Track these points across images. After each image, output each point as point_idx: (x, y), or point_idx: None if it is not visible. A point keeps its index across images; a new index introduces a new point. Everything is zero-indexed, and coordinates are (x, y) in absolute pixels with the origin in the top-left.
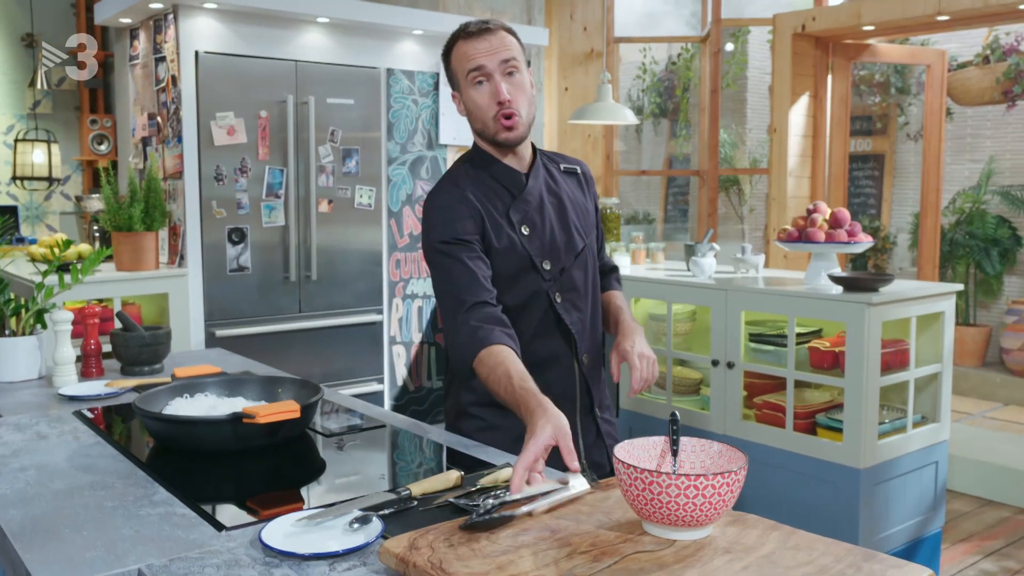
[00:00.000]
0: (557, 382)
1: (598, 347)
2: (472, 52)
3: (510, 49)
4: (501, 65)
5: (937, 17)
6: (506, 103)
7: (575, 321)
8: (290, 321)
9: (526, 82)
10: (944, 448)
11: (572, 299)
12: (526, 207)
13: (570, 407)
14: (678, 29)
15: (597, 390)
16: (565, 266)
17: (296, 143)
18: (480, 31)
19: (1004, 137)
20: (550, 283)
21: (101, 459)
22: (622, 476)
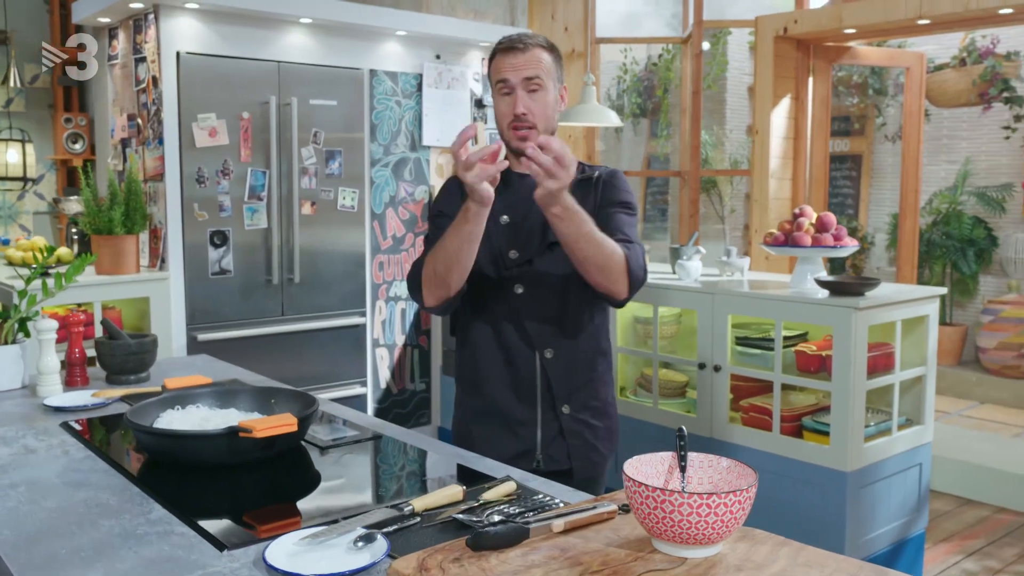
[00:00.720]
0: (517, 372)
1: (573, 344)
2: (502, 65)
3: (537, 67)
4: (524, 81)
5: (918, 21)
6: (520, 116)
7: (536, 314)
8: (273, 324)
9: (550, 98)
10: (928, 450)
11: (537, 292)
12: (513, 200)
13: (529, 399)
14: (659, 30)
15: (563, 386)
16: (533, 258)
17: (279, 145)
18: (513, 47)
19: (980, 139)
20: (513, 272)
21: (93, 474)
22: (632, 493)
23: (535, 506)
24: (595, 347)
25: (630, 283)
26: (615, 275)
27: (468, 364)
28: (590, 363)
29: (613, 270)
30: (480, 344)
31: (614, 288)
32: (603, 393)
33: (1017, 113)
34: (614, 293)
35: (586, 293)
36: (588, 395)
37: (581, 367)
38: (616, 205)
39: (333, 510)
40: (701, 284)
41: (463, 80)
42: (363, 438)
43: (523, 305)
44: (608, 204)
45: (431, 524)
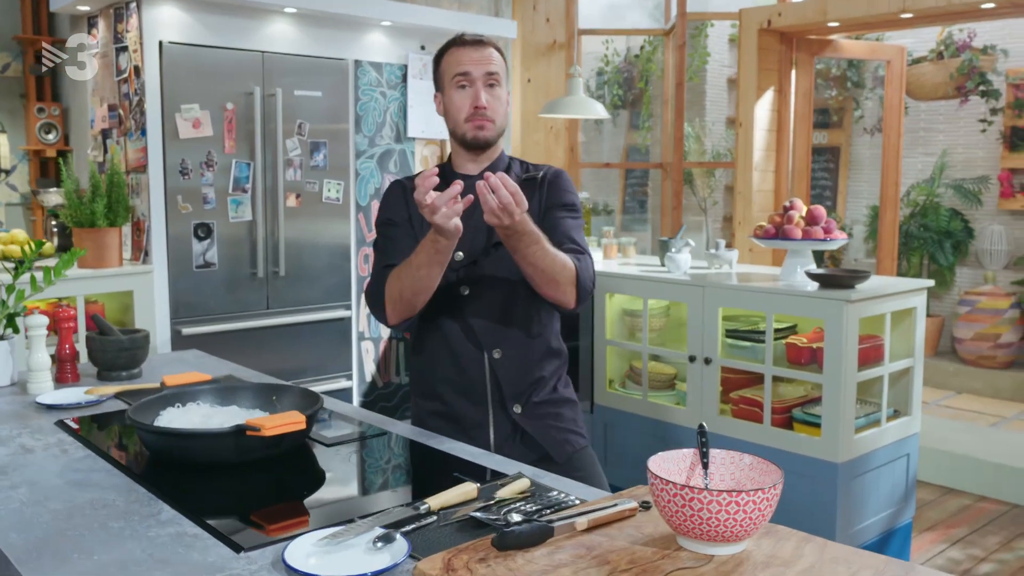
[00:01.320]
0: (466, 372)
1: (522, 344)
2: (463, 58)
3: (495, 64)
4: (485, 76)
5: (901, 15)
6: (482, 108)
7: (482, 314)
8: (258, 318)
9: (504, 96)
10: (915, 441)
11: (483, 293)
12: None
13: (480, 400)
14: (641, 21)
15: (513, 387)
16: (477, 256)
17: (263, 136)
18: (474, 42)
19: (956, 131)
20: (458, 273)
21: (95, 474)
22: (659, 492)
23: (551, 503)
24: (545, 347)
25: (579, 294)
26: (564, 287)
27: (420, 367)
28: (540, 363)
29: (562, 282)
30: (430, 347)
31: (562, 299)
32: (558, 387)
33: (993, 106)
34: (562, 303)
35: (533, 294)
36: (538, 393)
37: (531, 367)
38: (561, 208)
39: (343, 509)
40: (691, 277)
41: None
42: (369, 435)
43: (469, 306)
44: (553, 206)
45: (448, 523)
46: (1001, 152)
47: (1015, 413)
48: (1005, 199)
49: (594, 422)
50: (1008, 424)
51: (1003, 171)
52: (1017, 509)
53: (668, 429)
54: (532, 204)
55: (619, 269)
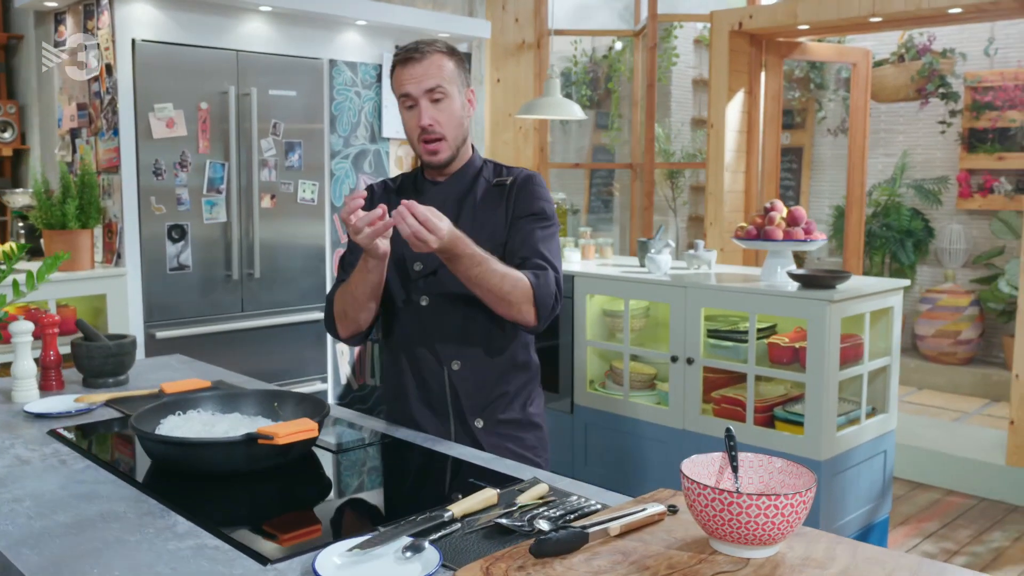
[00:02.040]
0: (427, 385)
1: (482, 356)
2: (403, 78)
3: (438, 75)
4: (427, 93)
5: (870, 18)
6: (427, 128)
7: (441, 326)
8: (232, 321)
9: (455, 106)
10: (892, 437)
11: (441, 304)
12: None
13: (442, 413)
14: (610, 22)
15: (473, 400)
16: (436, 266)
17: (238, 136)
18: (410, 58)
19: (916, 132)
20: (418, 284)
21: (99, 485)
22: (695, 496)
23: (574, 508)
24: (509, 360)
25: (538, 313)
26: (518, 306)
27: (386, 378)
28: (504, 377)
29: (515, 302)
30: (394, 358)
31: (520, 318)
32: (526, 406)
33: (952, 108)
34: (521, 323)
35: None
36: (504, 409)
37: (493, 381)
38: (530, 217)
39: (357, 517)
40: (671, 277)
41: None
42: (372, 441)
43: (429, 317)
44: (522, 216)
45: (474, 530)
46: (959, 153)
47: (976, 408)
48: (963, 199)
49: (574, 422)
50: (970, 419)
51: (961, 172)
52: (985, 502)
53: (649, 429)
54: (499, 211)
55: (599, 270)
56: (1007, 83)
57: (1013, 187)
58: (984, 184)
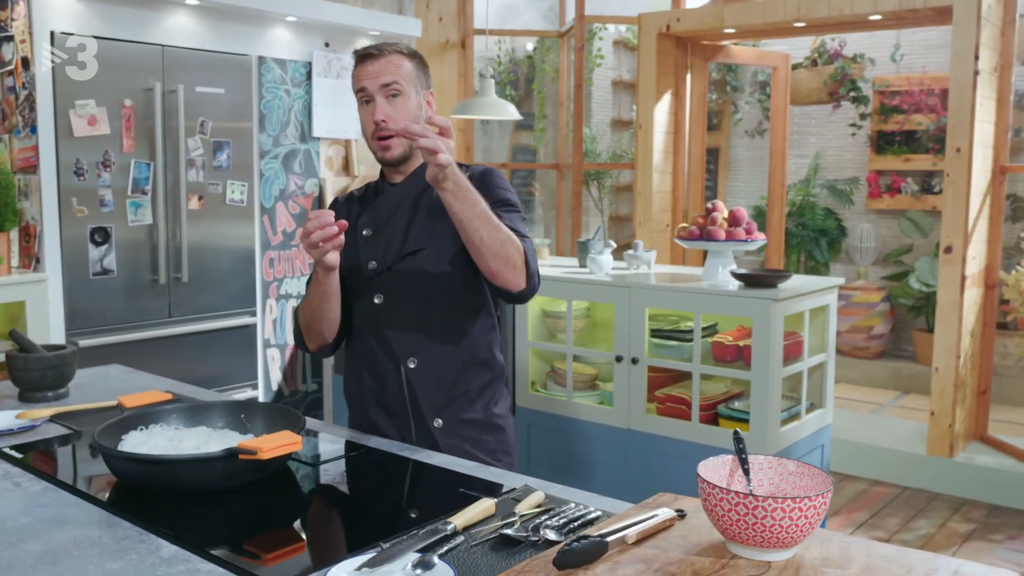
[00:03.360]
0: (385, 385)
1: (440, 353)
2: (360, 74)
3: (395, 73)
4: (382, 88)
5: (795, 23)
6: (380, 123)
7: (396, 322)
8: (159, 327)
9: (411, 105)
10: (828, 431)
11: (395, 300)
12: (375, 212)
13: (400, 413)
14: (535, 23)
15: (431, 398)
16: (391, 263)
17: (164, 134)
18: (369, 55)
19: (827, 135)
20: (372, 282)
21: (64, 508)
22: (718, 501)
23: (576, 516)
24: (470, 357)
25: (528, 276)
26: (512, 261)
27: (347, 382)
28: (464, 374)
29: (511, 256)
30: (352, 359)
31: (512, 277)
32: (489, 406)
33: (863, 111)
34: (512, 283)
35: (455, 303)
36: (466, 409)
37: (452, 378)
38: (496, 204)
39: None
40: (613, 278)
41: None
42: (351, 452)
43: (384, 315)
44: (489, 203)
45: (479, 542)
46: (869, 155)
47: (889, 400)
48: (873, 199)
49: (517, 424)
50: (885, 411)
51: (871, 172)
52: (909, 491)
53: (594, 429)
54: None
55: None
56: (913, 88)
57: (919, 187)
58: (892, 184)
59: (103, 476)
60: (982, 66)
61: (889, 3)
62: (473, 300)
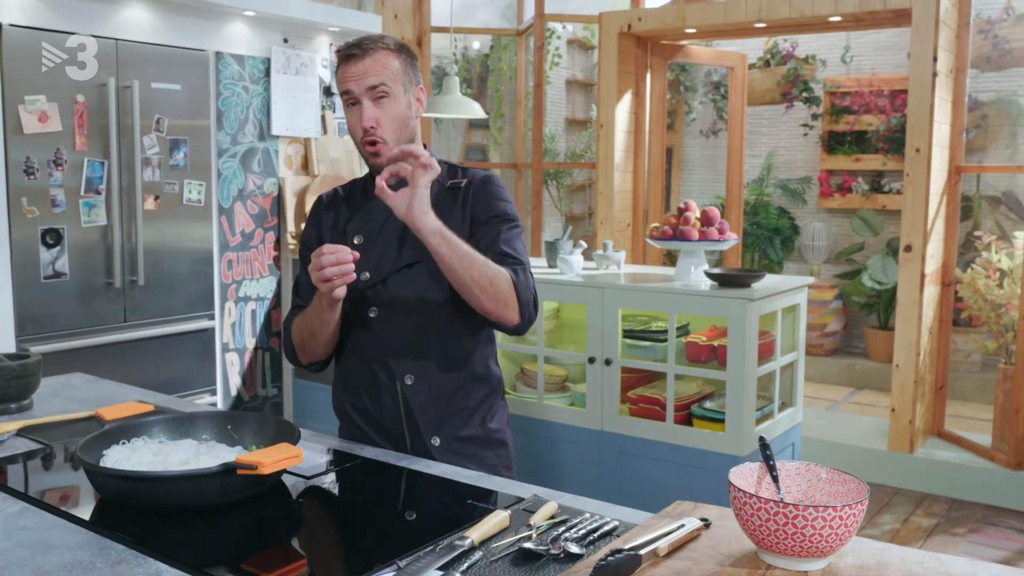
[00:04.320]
0: (380, 401)
1: (437, 370)
2: (344, 75)
3: (381, 73)
4: (369, 91)
5: (756, 24)
6: (369, 130)
7: (392, 338)
8: (115, 332)
9: (399, 106)
10: (799, 430)
11: (392, 315)
12: (367, 218)
13: (396, 430)
14: (493, 20)
15: (428, 415)
16: (386, 278)
17: (118, 132)
18: (353, 54)
19: (779, 135)
20: (366, 294)
21: (48, 531)
22: (755, 510)
23: (594, 528)
24: (467, 373)
25: (521, 309)
26: (502, 298)
27: (337, 395)
28: (461, 391)
29: (500, 294)
30: (344, 375)
31: (504, 314)
32: (487, 421)
33: (815, 112)
34: (505, 320)
35: (449, 315)
36: (463, 426)
37: (449, 395)
38: (492, 219)
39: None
40: (584, 278)
41: (312, 66)
42: (347, 463)
43: (379, 329)
44: (484, 218)
45: (498, 557)
46: (820, 154)
47: (843, 396)
48: (824, 198)
49: None
50: (840, 407)
51: (822, 172)
52: (872, 486)
53: (566, 431)
54: (454, 215)
55: None
56: (863, 89)
57: (869, 187)
58: (843, 184)
59: (83, 494)
60: (940, 68)
61: (849, 5)
62: (471, 313)
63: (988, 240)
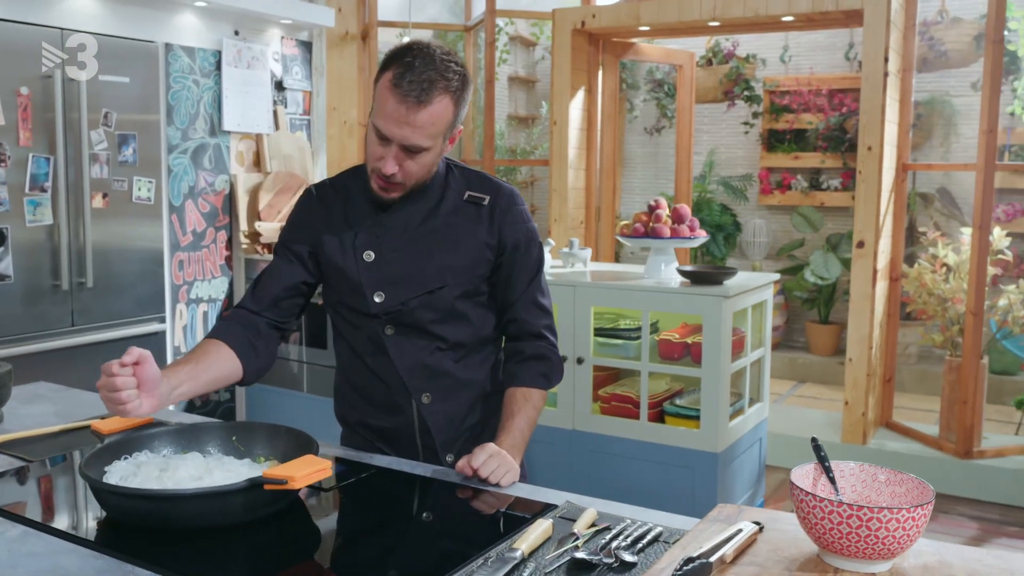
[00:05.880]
0: (393, 418)
1: (454, 388)
2: (388, 111)
3: (430, 130)
4: (406, 145)
5: (710, 23)
6: (388, 176)
7: (409, 357)
8: (62, 336)
9: (431, 157)
10: (765, 425)
11: (409, 334)
12: (379, 232)
13: (409, 447)
14: (440, 16)
15: (445, 434)
16: (405, 300)
17: (65, 127)
18: (409, 96)
19: (720, 133)
20: (381, 315)
21: (56, 556)
22: (825, 513)
23: (643, 534)
24: (483, 390)
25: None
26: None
27: (346, 412)
28: (474, 408)
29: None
30: (354, 383)
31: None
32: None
33: (755, 110)
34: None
35: (468, 333)
36: (478, 441)
37: (464, 413)
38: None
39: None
40: (553, 276)
41: (263, 60)
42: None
43: (395, 347)
44: (516, 259)
45: (553, 568)
46: (760, 152)
47: (787, 390)
48: (765, 195)
49: None
50: (786, 400)
51: (762, 170)
52: None
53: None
54: (476, 233)
55: None
56: (801, 88)
57: (808, 184)
58: (782, 181)
59: (85, 513)
60: (890, 68)
61: (802, 5)
62: (487, 331)
63: (933, 236)
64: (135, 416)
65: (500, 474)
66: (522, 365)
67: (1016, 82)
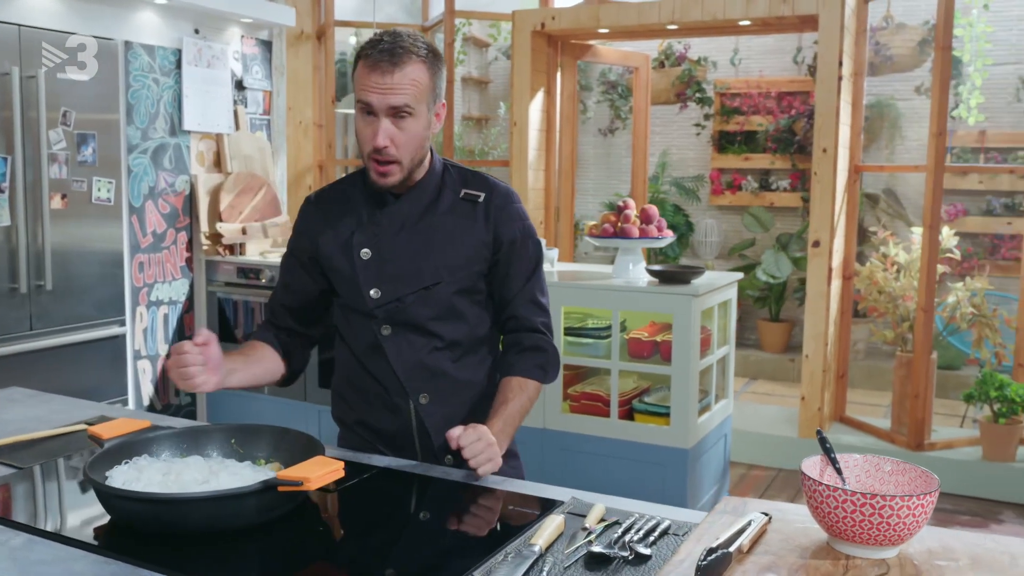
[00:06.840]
0: (391, 419)
1: (452, 388)
2: (367, 83)
3: (409, 91)
4: (389, 109)
5: (668, 26)
6: (382, 150)
7: (407, 356)
8: (20, 341)
9: (419, 125)
10: (730, 421)
11: (406, 334)
12: (376, 230)
13: (408, 448)
14: (397, 16)
15: (443, 435)
16: (400, 296)
17: (22, 126)
18: (381, 61)
19: (672, 134)
20: (377, 312)
21: (67, 563)
22: (840, 502)
23: (653, 527)
24: (481, 389)
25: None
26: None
27: (342, 413)
28: (474, 408)
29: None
30: (354, 392)
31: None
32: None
33: (707, 112)
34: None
35: (465, 331)
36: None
37: (462, 414)
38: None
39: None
40: None
41: (224, 59)
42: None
43: (392, 347)
44: (512, 256)
45: (572, 563)
46: (711, 153)
47: (741, 386)
48: (716, 195)
49: None
50: (740, 396)
51: (713, 170)
52: (784, 472)
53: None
54: (473, 231)
55: None
56: (751, 91)
57: (758, 185)
58: (733, 182)
59: (88, 519)
60: (844, 72)
61: (759, 9)
62: (483, 331)
63: (884, 235)
64: (202, 391)
65: (482, 461)
66: (520, 356)
67: (960, 87)
